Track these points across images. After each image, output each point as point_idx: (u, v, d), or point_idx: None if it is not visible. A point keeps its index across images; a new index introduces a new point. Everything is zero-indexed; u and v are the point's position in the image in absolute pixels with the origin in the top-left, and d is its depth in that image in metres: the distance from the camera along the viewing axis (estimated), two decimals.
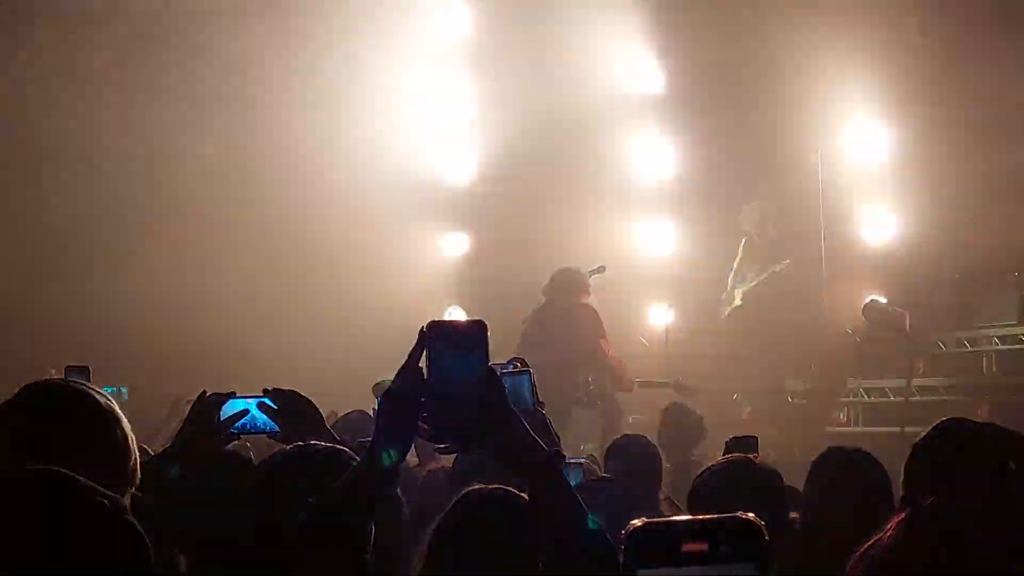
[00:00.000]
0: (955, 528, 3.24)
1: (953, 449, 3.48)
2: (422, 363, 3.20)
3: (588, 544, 3.08)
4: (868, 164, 18.39)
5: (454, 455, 5.25)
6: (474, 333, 3.22)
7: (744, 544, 1.74)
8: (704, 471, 4.63)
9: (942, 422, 3.67)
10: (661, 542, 1.73)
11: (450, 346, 3.18)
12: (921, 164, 17.87)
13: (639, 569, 1.72)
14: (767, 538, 1.75)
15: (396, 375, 3.18)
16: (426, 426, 3.13)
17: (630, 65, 18.72)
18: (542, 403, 5.39)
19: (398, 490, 4.38)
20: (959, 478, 3.36)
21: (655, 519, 1.76)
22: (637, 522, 1.74)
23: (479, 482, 3.92)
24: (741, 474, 4.45)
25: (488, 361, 3.24)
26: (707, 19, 18.35)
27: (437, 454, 5.84)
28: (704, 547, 1.72)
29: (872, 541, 3.30)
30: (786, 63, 17.80)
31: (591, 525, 3.15)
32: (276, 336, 16.85)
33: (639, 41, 18.46)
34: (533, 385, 5.23)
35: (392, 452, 3.11)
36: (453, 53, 18.35)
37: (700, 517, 1.76)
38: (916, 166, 17.99)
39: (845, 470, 5.17)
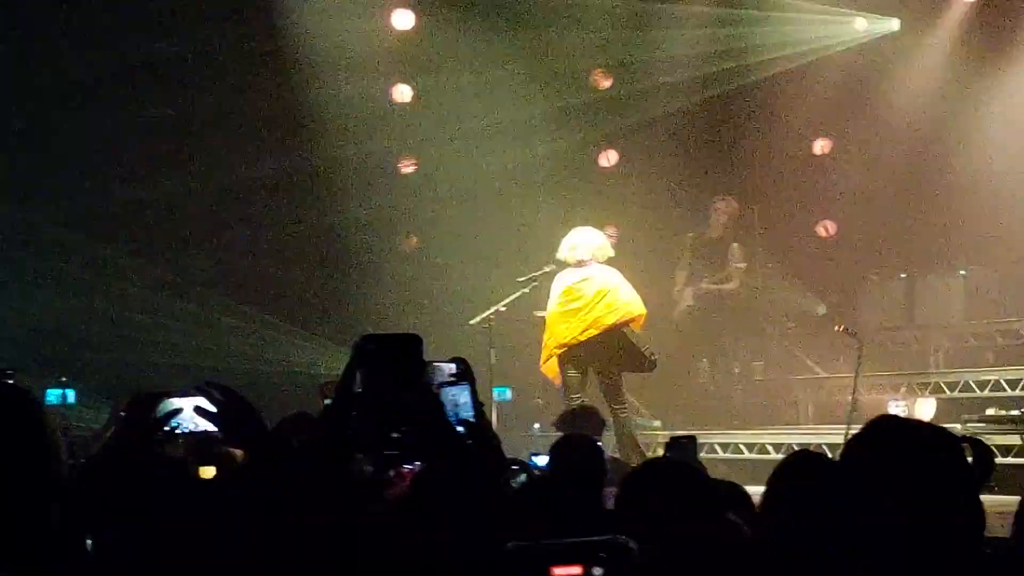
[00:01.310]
0: (872, 523, 3.25)
1: (876, 445, 3.50)
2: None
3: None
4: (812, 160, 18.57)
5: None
6: (408, 347, 3.20)
7: (616, 566, 1.72)
8: (629, 475, 4.61)
9: (874, 419, 3.70)
10: (532, 565, 1.72)
11: (384, 361, 3.16)
12: (861, 159, 18.04)
13: None
14: (639, 558, 1.74)
15: (335, 393, 3.16)
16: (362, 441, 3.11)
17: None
18: (482, 404, 5.35)
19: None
20: (880, 474, 3.39)
21: (527, 543, 1.75)
22: (510, 545, 1.74)
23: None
24: (665, 478, 4.42)
25: (423, 375, 3.22)
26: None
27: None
28: (577, 570, 1.71)
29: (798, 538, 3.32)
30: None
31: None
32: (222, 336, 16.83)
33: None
34: (474, 393, 5.18)
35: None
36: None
37: (572, 540, 1.75)
38: (855, 161, 18.15)
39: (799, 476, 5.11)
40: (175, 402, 4.65)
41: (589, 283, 13.27)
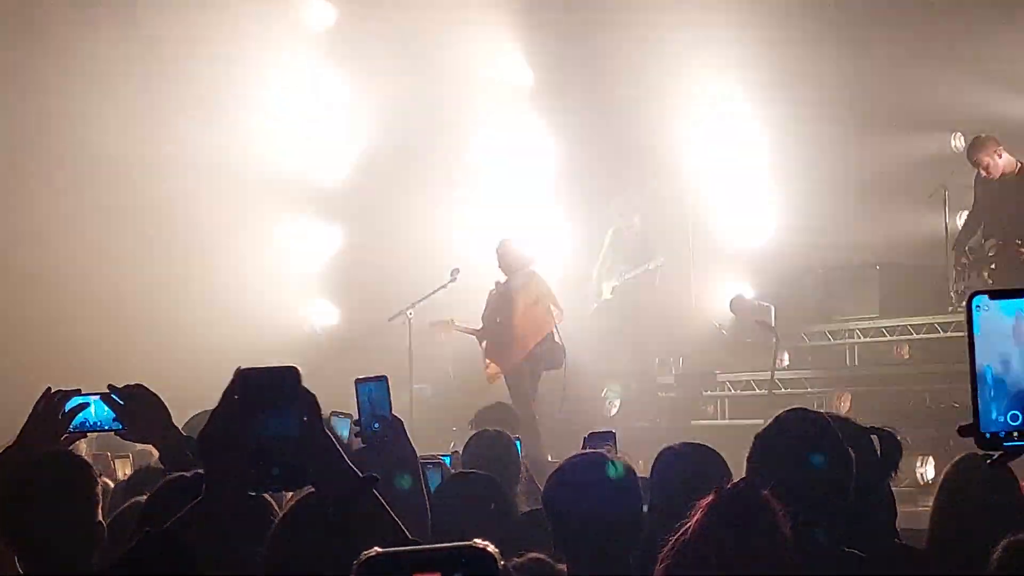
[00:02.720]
0: (756, 510, 3.26)
1: (781, 436, 3.51)
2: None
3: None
4: (733, 159, 18.58)
5: None
6: (285, 381, 3.14)
7: (477, 572, 1.72)
8: (556, 470, 4.63)
9: (783, 412, 3.71)
10: (393, 572, 1.71)
11: (261, 396, 3.10)
12: (786, 160, 18.10)
13: None
14: (501, 564, 1.73)
15: (208, 420, 3.09)
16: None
17: (499, 59, 18.77)
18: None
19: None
20: (775, 462, 3.41)
21: (388, 550, 1.74)
22: (370, 552, 1.72)
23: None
24: (590, 471, 4.44)
25: (303, 410, 3.18)
26: (575, 14, 18.46)
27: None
28: None
29: (684, 527, 3.32)
30: (653, 58, 17.94)
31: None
32: (142, 332, 16.73)
33: (508, 36, 18.51)
34: (388, 392, 5.19)
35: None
36: (321, 46, 18.25)
37: (432, 546, 1.74)
38: (780, 162, 18.22)
39: (677, 464, 5.21)
40: (84, 398, 4.63)
41: (537, 285, 14.30)
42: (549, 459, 11.40)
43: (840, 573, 3.59)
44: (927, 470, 12.08)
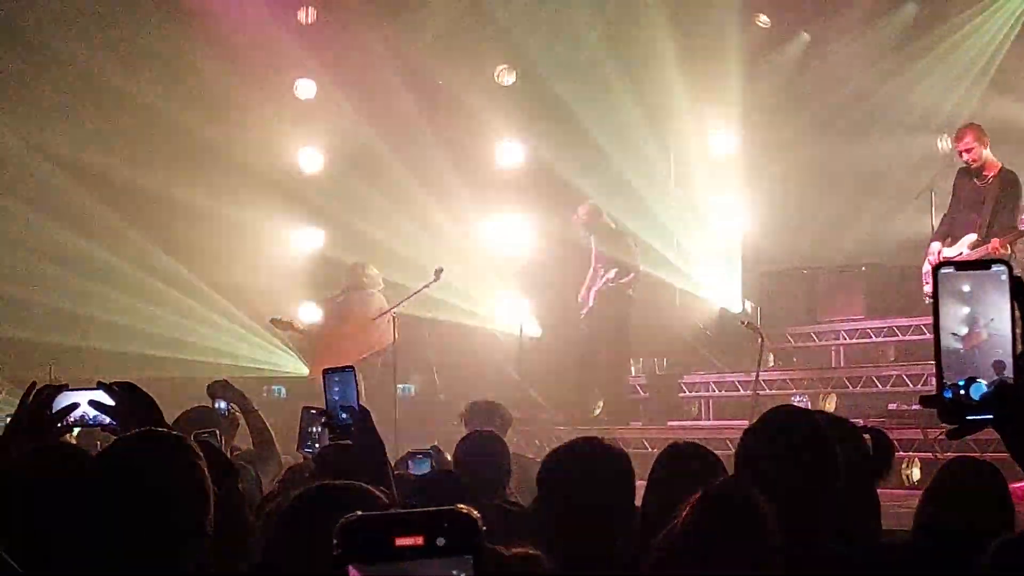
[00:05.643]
0: (745, 507, 3.27)
1: (770, 434, 3.52)
2: None
3: None
4: (718, 159, 18.58)
5: None
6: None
7: (460, 537, 1.72)
8: (551, 454, 4.67)
9: (771, 410, 3.71)
10: (374, 536, 1.71)
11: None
12: (769, 158, 18.13)
13: (352, 564, 1.69)
14: (483, 529, 1.74)
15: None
16: None
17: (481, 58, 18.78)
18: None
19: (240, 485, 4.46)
20: (763, 459, 3.41)
21: (369, 512, 1.74)
22: (352, 516, 1.72)
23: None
24: (589, 456, 4.48)
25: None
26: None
27: None
28: (419, 540, 1.70)
29: (671, 524, 3.34)
30: (639, 58, 17.98)
31: None
32: (122, 330, 16.75)
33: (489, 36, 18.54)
34: (355, 382, 5.28)
35: None
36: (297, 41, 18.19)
37: (415, 510, 1.74)
38: (764, 160, 18.24)
39: (675, 462, 5.24)
40: (72, 396, 4.62)
41: (380, 304, 15.97)
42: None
43: (826, 572, 3.59)
44: (913, 472, 12.08)
